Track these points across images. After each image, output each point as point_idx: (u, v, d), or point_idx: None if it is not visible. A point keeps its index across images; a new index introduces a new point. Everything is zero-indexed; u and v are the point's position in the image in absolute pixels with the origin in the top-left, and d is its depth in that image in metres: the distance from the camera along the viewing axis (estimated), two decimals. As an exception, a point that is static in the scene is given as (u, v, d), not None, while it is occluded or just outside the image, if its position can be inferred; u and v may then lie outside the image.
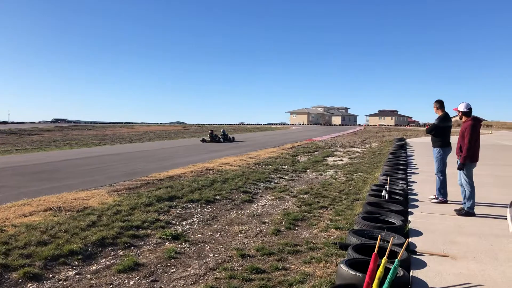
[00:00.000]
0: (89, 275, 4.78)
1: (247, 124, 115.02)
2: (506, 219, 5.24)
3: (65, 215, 6.82)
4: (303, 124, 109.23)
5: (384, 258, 3.55)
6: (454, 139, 6.98)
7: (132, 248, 5.74)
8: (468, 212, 6.53)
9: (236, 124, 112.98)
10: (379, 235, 4.16)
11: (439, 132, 7.54)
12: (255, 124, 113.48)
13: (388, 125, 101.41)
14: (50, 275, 4.72)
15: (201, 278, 4.66)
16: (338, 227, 6.64)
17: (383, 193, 7.26)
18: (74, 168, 13.63)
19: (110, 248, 5.67)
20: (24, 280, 4.51)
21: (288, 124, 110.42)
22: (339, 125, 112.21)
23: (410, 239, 5.11)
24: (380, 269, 3.42)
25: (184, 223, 7.07)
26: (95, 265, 5.11)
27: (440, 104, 7.62)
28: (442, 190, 7.49)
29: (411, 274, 4.02)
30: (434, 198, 7.63)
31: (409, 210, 6.91)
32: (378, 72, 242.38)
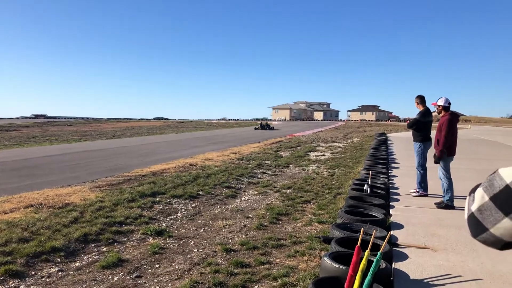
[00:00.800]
0: (72, 272, 4.74)
1: (229, 119, 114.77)
2: None
3: (46, 212, 6.73)
4: (285, 120, 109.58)
5: (367, 251, 3.61)
6: (434, 134, 7.13)
7: (115, 244, 5.71)
8: (447, 205, 6.68)
9: (218, 119, 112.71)
10: (362, 229, 4.22)
11: (420, 127, 7.68)
12: (238, 119, 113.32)
13: (369, 120, 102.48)
14: (33, 272, 4.66)
15: (186, 273, 4.67)
16: (321, 221, 6.72)
17: (365, 187, 7.36)
18: (55, 164, 13.44)
19: (93, 245, 5.63)
20: (6, 277, 4.45)
21: (271, 120, 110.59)
22: (321, 120, 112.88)
23: (392, 232, 5.20)
24: (363, 261, 3.48)
25: (167, 219, 7.05)
26: (78, 261, 5.07)
27: (421, 99, 7.75)
28: (423, 183, 7.64)
29: (393, 266, 4.10)
30: (414, 192, 7.77)
31: (390, 203, 7.02)
32: (359, 67, 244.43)
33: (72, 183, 9.56)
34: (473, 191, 1.15)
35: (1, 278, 4.43)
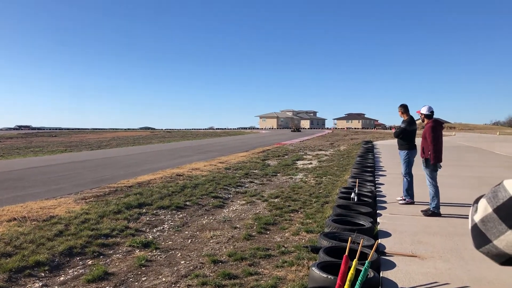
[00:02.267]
0: (56, 286, 4.64)
1: (216, 128, 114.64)
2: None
3: (30, 225, 6.61)
4: (272, 128, 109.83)
5: (355, 260, 3.61)
6: (418, 141, 7.20)
7: (101, 257, 5.62)
8: (434, 212, 6.72)
9: (206, 129, 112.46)
10: (350, 237, 4.22)
11: (406, 135, 7.76)
12: (225, 128, 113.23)
13: (355, 128, 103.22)
14: (16, 288, 4.56)
15: (173, 285, 4.61)
16: (309, 230, 6.71)
17: (352, 195, 7.38)
18: (39, 176, 13.23)
19: (78, 258, 5.53)
20: (-12, 294, 4.35)
21: (258, 128, 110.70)
22: (308, 128, 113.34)
23: (379, 240, 5.21)
24: (351, 271, 3.47)
25: (154, 230, 6.97)
26: (63, 275, 4.97)
27: (404, 108, 7.84)
28: (409, 191, 7.69)
29: (381, 275, 4.10)
30: (401, 200, 7.81)
31: (377, 211, 7.05)
32: (345, 76, 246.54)
33: (56, 195, 9.42)
34: (476, 201, 1.15)
35: (-17, 294, 4.33)
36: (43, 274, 4.96)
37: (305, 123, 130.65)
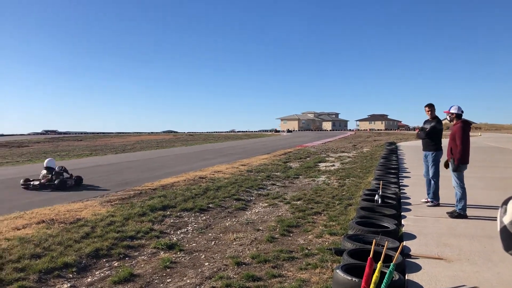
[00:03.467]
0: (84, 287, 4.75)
1: (238, 131, 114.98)
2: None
3: (58, 228, 6.77)
4: (294, 130, 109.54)
5: (380, 262, 3.58)
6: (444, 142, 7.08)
7: (127, 259, 5.71)
8: (460, 214, 6.60)
9: (227, 132, 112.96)
10: (374, 240, 4.19)
11: (434, 135, 7.57)
12: (246, 131, 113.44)
13: (378, 130, 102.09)
14: (45, 289, 4.68)
15: (197, 287, 4.65)
16: (333, 233, 6.67)
17: (376, 197, 7.30)
18: (66, 179, 13.49)
19: (104, 260, 5.64)
20: (19, 294, 4.47)
21: (279, 131, 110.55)
22: (330, 130, 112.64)
23: (404, 243, 5.15)
24: (376, 273, 3.45)
25: (178, 232, 7.05)
26: (90, 277, 5.08)
27: (432, 108, 7.67)
28: (436, 193, 7.55)
29: (406, 278, 4.05)
30: (426, 201, 7.69)
31: (402, 213, 6.96)
32: (368, 77, 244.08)
33: (83, 198, 9.61)
34: (505, 202, 1.12)
35: (14, 294, 4.45)
36: (71, 275, 5.07)
37: (327, 125, 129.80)
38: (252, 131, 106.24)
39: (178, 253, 5.93)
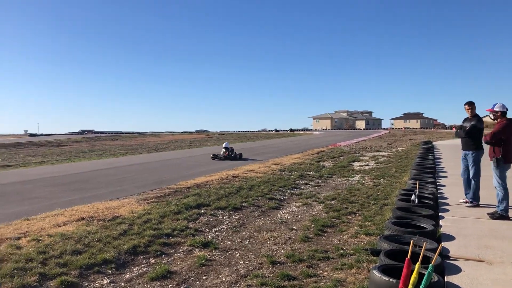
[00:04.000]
0: (123, 283, 4.87)
1: (269, 130, 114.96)
2: None
3: (97, 225, 6.97)
4: (326, 129, 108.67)
5: (418, 263, 3.51)
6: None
7: (163, 256, 5.82)
8: (502, 215, 6.39)
9: (259, 131, 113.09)
10: (412, 240, 4.11)
11: (475, 134, 7.33)
12: (278, 130, 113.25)
13: (413, 128, 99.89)
14: (86, 284, 4.83)
15: (233, 285, 4.70)
16: (368, 233, 6.59)
17: (413, 197, 7.16)
18: (103, 178, 13.90)
19: (142, 256, 5.77)
20: (61, 288, 4.63)
21: (311, 130, 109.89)
22: (363, 129, 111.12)
23: (443, 244, 5.03)
24: (414, 274, 3.39)
25: (213, 231, 7.13)
26: (128, 273, 5.21)
27: (473, 106, 7.43)
28: (476, 193, 7.33)
29: (445, 280, 3.96)
30: (464, 202, 7.49)
31: (440, 214, 6.80)
32: (403, 74, 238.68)
33: (120, 196, 9.85)
34: None
35: (57, 289, 4.62)
36: (110, 271, 5.22)
37: (360, 124, 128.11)
38: (283, 130, 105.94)
39: (213, 251, 6.00)
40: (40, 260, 5.22)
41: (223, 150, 20.91)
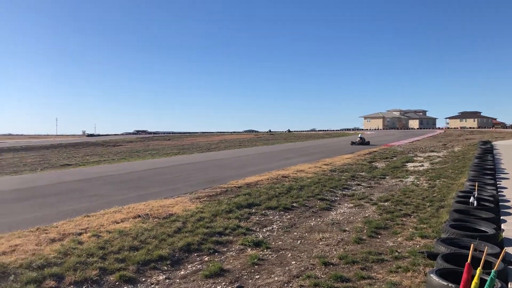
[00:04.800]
0: (178, 280, 5.01)
1: (318, 130, 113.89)
2: None
3: (152, 222, 7.19)
4: (378, 129, 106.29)
5: (479, 268, 3.37)
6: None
7: (216, 254, 5.93)
8: None
9: (308, 131, 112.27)
10: (472, 244, 3.95)
11: None
12: (327, 130, 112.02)
13: (470, 128, 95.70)
14: (143, 279, 5.01)
15: (286, 285, 4.71)
16: (424, 236, 6.40)
17: (471, 199, 6.87)
18: (157, 176, 14.32)
19: (195, 254, 5.90)
20: (120, 283, 4.83)
21: (362, 129, 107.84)
22: (417, 128, 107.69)
23: (506, 249, 4.79)
24: (475, 280, 3.25)
25: (264, 230, 7.18)
26: (182, 270, 5.34)
27: None
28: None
29: (509, 287, 3.78)
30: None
31: (501, 217, 6.48)
32: (458, 71, 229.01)
33: (173, 195, 10.11)
34: None
35: (117, 283, 4.82)
36: (165, 268, 5.38)
37: (414, 123, 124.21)
38: (333, 130, 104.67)
39: (265, 250, 6.04)
40: (100, 255, 5.47)
41: (358, 138, 33.42)
